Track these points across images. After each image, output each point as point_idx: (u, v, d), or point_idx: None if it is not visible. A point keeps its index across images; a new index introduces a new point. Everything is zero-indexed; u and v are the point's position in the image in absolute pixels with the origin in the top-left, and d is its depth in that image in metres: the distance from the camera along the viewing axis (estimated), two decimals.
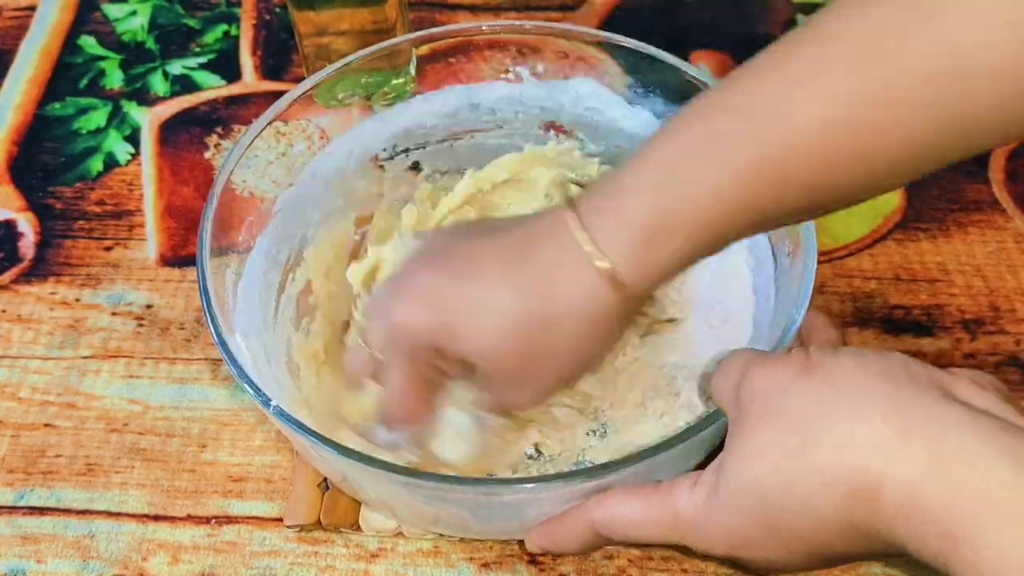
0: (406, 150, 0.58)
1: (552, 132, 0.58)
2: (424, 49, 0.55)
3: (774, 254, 0.51)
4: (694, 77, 0.52)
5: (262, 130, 0.51)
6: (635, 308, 0.41)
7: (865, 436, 0.33)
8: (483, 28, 0.55)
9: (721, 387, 0.40)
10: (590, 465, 0.49)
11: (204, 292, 0.46)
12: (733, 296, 0.53)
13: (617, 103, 0.56)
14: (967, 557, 0.30)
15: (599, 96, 0.56)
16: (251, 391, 0.43)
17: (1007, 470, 0.30)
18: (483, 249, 0.42)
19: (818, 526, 0.34)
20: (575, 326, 0.40)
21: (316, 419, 0.47)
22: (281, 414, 0.42)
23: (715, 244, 0.39)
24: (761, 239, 0.51)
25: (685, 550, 0.43)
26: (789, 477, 0.34)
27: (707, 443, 0.42)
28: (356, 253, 0.57)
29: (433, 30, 0.56)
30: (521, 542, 0.49)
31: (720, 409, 0.40)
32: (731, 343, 0.49)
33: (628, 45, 0.54)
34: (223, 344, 0.44)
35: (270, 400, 0.43)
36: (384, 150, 0.57)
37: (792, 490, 0.34)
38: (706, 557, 0.48)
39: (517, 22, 0.56)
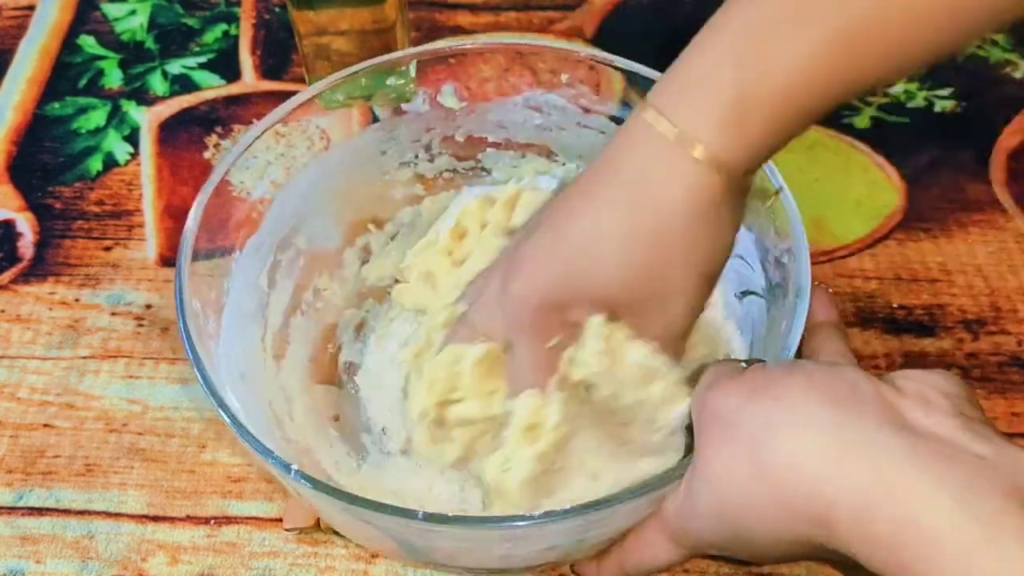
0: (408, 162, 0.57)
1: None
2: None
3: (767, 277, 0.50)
4: None
5: (253, 141, 0.50)
6: (742, 190, 0.40)
7: (809, 461, 0.33)
8: (476, 44, 0.55)
9: (692, 403, 0.40)
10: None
11: (190, 349, 0.45)
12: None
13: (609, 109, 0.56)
14: None
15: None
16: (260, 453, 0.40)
17: (947, 501, 0.30)
18: (573, 195, 0.40)
19: (777, 541, 0.35)
20: (687, 224, 0.38)
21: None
22: (303, 476, 0.39)
23: (804, 118, 0.38)
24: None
25: None
26: (748, 497, 0.35)
27: None
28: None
29: (431, 46, 0.56)
30: None
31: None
32: None
33: (621, 66, 0.52)
34: (222, 406, 0.42)
35: (290, 466, 0.39)
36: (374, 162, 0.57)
37: (752, 509, 0.35)
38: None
39: (513, 39, 0.55)
